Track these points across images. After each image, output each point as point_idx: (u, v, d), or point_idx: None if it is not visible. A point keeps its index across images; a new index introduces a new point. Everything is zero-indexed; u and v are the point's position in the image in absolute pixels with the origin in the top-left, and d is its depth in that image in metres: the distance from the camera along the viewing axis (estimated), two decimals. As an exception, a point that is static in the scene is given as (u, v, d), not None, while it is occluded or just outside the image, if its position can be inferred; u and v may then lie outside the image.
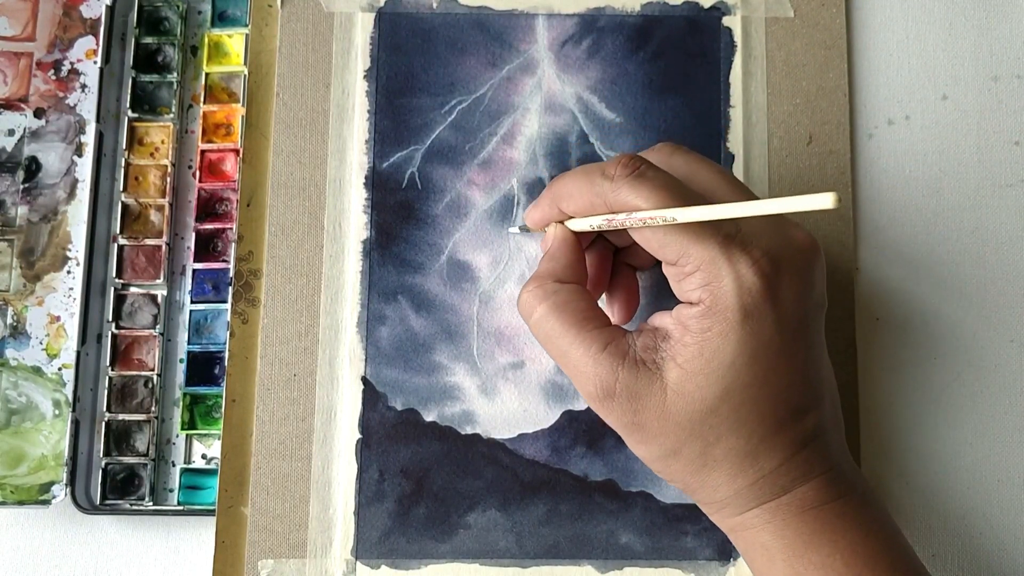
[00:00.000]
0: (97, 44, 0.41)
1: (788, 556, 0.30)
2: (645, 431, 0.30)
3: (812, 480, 0.30)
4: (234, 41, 0.42)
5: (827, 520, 0.30)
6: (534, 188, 0.39)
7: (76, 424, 0.38)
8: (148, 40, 0.42)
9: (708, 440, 0.30)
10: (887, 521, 0.31)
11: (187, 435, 0.39)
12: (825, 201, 0.24)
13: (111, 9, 0.41)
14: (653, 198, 0.29)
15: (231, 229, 0.40)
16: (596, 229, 0.32)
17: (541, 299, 0.32)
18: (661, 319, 0.31)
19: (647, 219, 0.29)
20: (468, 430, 0.38)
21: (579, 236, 0.33)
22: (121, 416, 0.39)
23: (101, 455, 0.39)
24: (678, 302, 0.31)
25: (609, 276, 0.35)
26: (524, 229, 0.37)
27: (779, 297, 0.29)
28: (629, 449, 0.35)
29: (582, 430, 0.38)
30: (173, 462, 0.39)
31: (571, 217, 0.33)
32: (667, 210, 0.29)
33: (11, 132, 0.41)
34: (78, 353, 0.39)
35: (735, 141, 0.40)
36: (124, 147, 0.41)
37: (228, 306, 0.39)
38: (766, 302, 0.29)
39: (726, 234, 0.29)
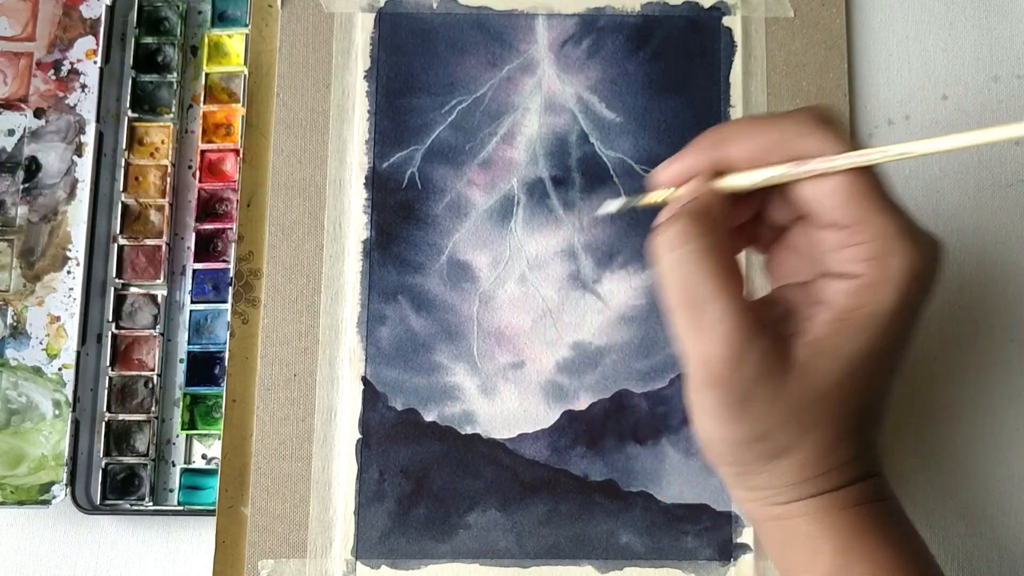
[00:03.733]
0: (97, 44, 0.41)
1: (836, 547, 0.29)
2: (747, 410, 0.27)
3: (872, 477, 0.29)
4: (234, 41, 0.42)
5: (876, 516, 0.29)
6: (534, 188, 0.39)
7: (76, 424, 0.38)
8: (148, 40, 0.41)
9: (805, 426, 0.27)
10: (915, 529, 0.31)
11: (187, 435, 0.39)
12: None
13: (111, 9, 0.41)
14: (844, 146, 0.27)
15: (231, 229, 0.40)
16: (765, 182, 0.27)
17: (697, 236, 0.26)
18: (794, 293, 0.28)
19: (867, 159, 0.26)
20: (468, 430, 0.38)
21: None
22: (121, 416, 0.39)
23: (101, 455, 0.39)
24: None
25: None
26: (630, 204, 0.31)
27: (926, 294, 0.27)
28: (629, 449, 0.35)
29: (582, 430, 0.38)
30: (173, 462, 0.39)
31: (726, 172, 0.28)
32: (901, 145, 0.26)
33: (11, 132, 0.41)
34: (78, 353, 0.39)
35: (735, 141, 0.40)
36: (124, 147, 0.41)
37: (228, 306, 0.39)
38: (919, 295, 0.27)
39: (909, 218, 0.27)
